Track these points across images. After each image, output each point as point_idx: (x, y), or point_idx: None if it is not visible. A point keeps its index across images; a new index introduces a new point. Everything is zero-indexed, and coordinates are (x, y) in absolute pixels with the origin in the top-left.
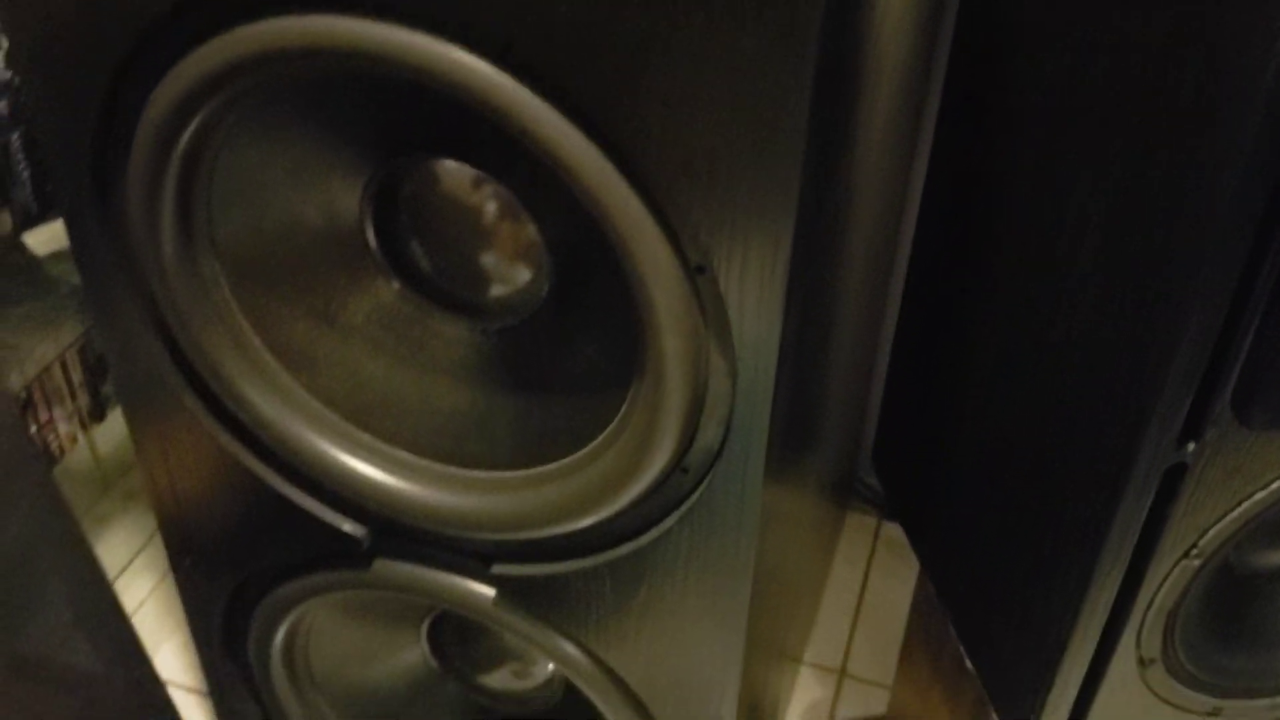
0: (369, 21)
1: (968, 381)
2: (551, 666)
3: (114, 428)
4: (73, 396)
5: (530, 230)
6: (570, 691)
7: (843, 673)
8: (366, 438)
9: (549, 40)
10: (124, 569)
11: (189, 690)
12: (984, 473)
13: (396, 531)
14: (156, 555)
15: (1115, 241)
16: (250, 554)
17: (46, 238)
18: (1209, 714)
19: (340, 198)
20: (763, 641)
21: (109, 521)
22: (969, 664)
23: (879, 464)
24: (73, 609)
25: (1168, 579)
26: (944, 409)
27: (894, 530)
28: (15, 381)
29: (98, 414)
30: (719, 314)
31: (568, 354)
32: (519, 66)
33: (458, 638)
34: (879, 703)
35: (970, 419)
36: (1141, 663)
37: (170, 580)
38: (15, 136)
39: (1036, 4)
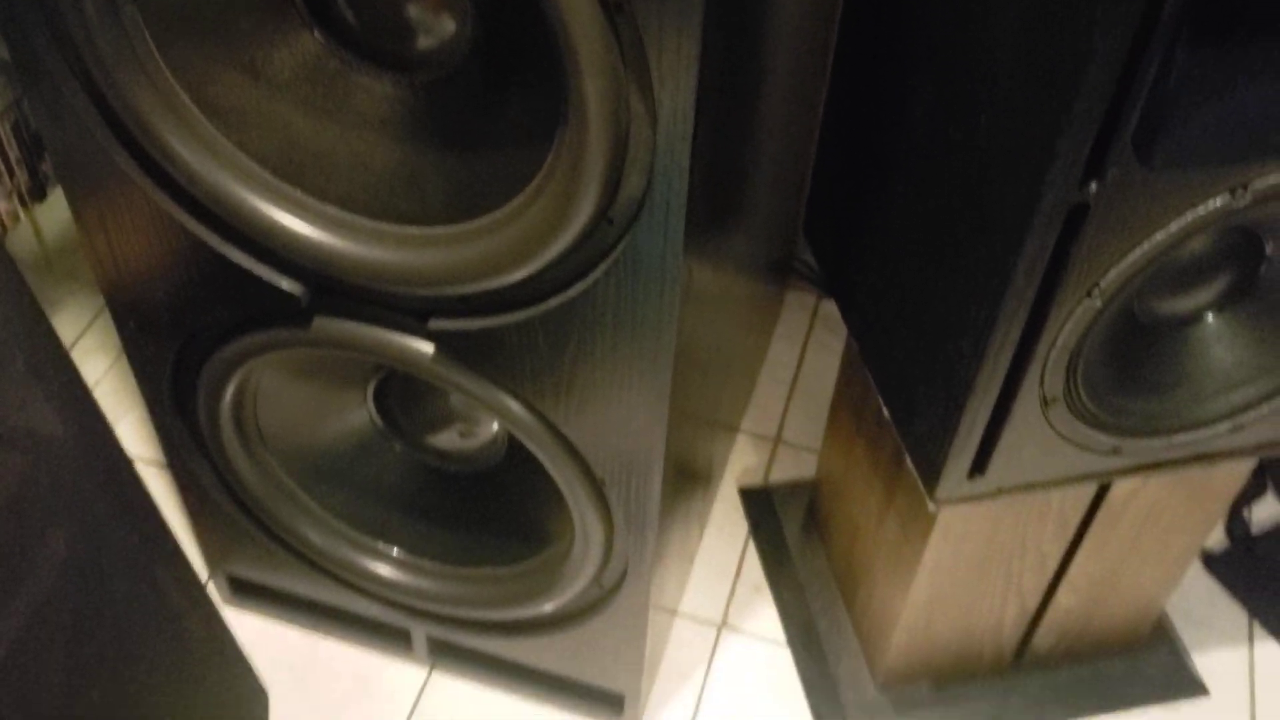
0: None
1: (887, 138)
2: (495, 426)
3: (55, 207)
4: (10, 174)
5: None
6: (513, 447)
7: (777, 440)
8: (299, 194)
9: None
10: (71, 348)
11: (146, 462)
12: (903, 228)
13: (335, 290)
14: (105, 335)
15: None
16: (193, 314)
17: None
18: (1108, 452)
19: None
20: (692, 399)
21: (54, 303)
22: (886, 414)
23: (810, 233)
24: (25, 366)
25: (1070, 319)
26: (865, 171)
27: (831, 308)
28: None
29: (38, 193)
30: (638, 55)
31: (493, 107)
32: None
33: (403, 400)
34: (811, 467)
35: (889, 176)
36: (1044, 402)
37: (123, 362)
38: None
39: None
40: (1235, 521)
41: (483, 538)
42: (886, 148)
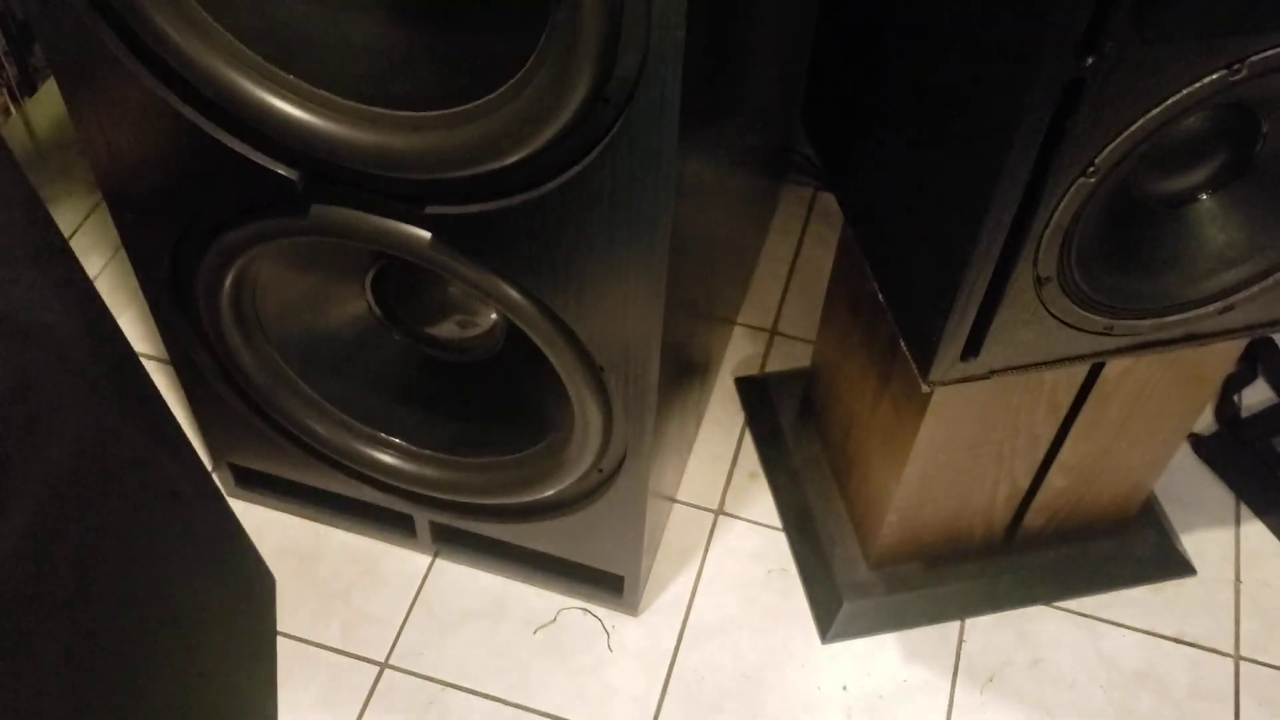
0: None
1: (882, 22)
2: (493, 316)
3: (46, 102)
4: None
5: None
6: (511, 336)
7: (774, 331)
8: (291, 79)
9: None
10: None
11: (147, 357)
12: (899, 111)
13: (331, 177)
14: (100, 231)
15: None
16: (190, 204)
17: None
18: (1100, 332)
19: None
20: (689, 291)
21: (47, 199)
22: (881, 298)
23: (807, 122)
24: (26, 254)
25: (1065, 197)
26: (861, 57)
27: (828, 201)
28: None
29: (27, 87)
30: None
31: None
32: None
33: (401, 290)
34: (806, 357)
35: (885, 60)
36: (1038, 281)
37: (120, 258)
38: None
39: None
40: (1225, 404)
41: (483, 426)
42: (881, 31)
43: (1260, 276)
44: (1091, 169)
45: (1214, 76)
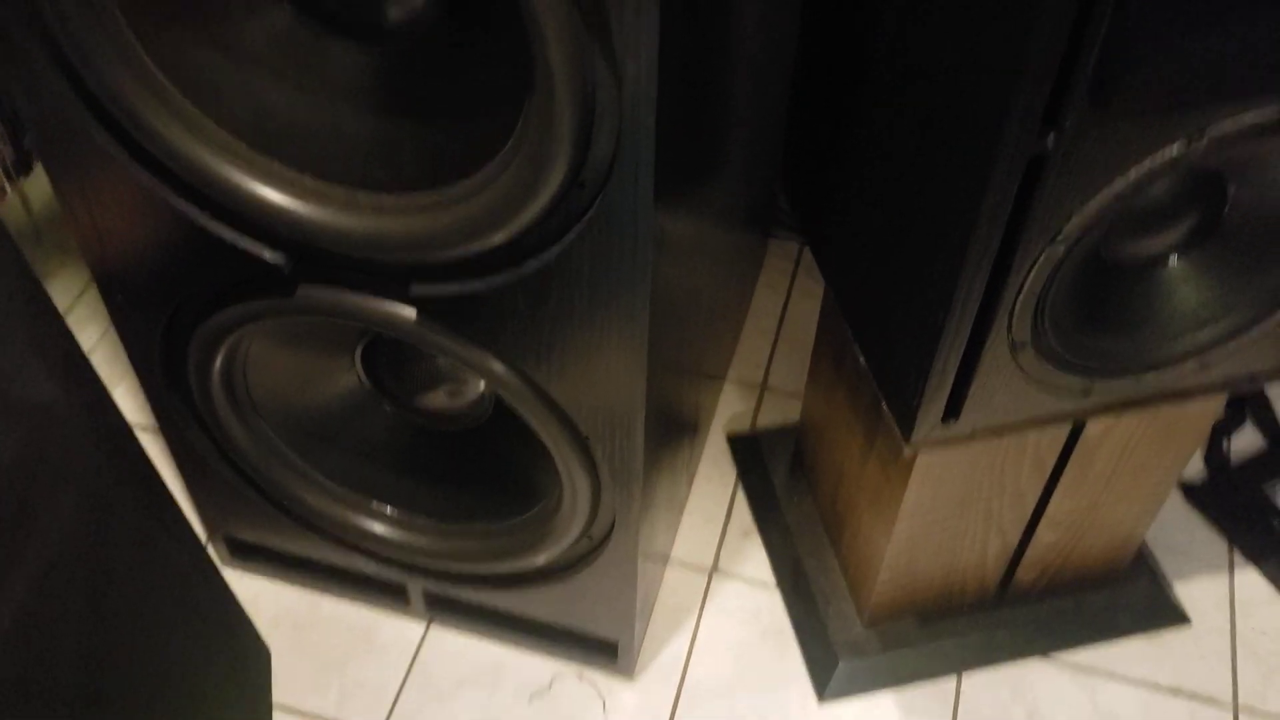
0: None
1: (852, 89)
2: (481, 385)
3: (43, 180)
4: None
5: None
6: (500, 405)
7: (763, 386)
8: (276, 165)
9: None
10: (64, 316)
11: (141, 428)
12: (871, 177)
13: (317, 258)
14: (96, 305)
15: None
16: (178, 286)
17: None
18: (1079, 393)
19: None
20: (673, 353)
21: (44, 274)
22: (863, 360)
23: (785, 183)
24: (26, 337)
25: (1035, 266)
26: (834, 121)
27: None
28: None
29: (24, 167)
30: (600, 21)
31: (463, 74)
32: None
33: (390, 362)
34: (797, 412)
35: (856, 126)
36: (1013, 346)
37: (111, 322)
38: None
39: None
40: (1214, 452)
41: (473, 494)
42: (852, 98)
43: (1235, 334)
44: (1059, 238)
45: (1175, 148)
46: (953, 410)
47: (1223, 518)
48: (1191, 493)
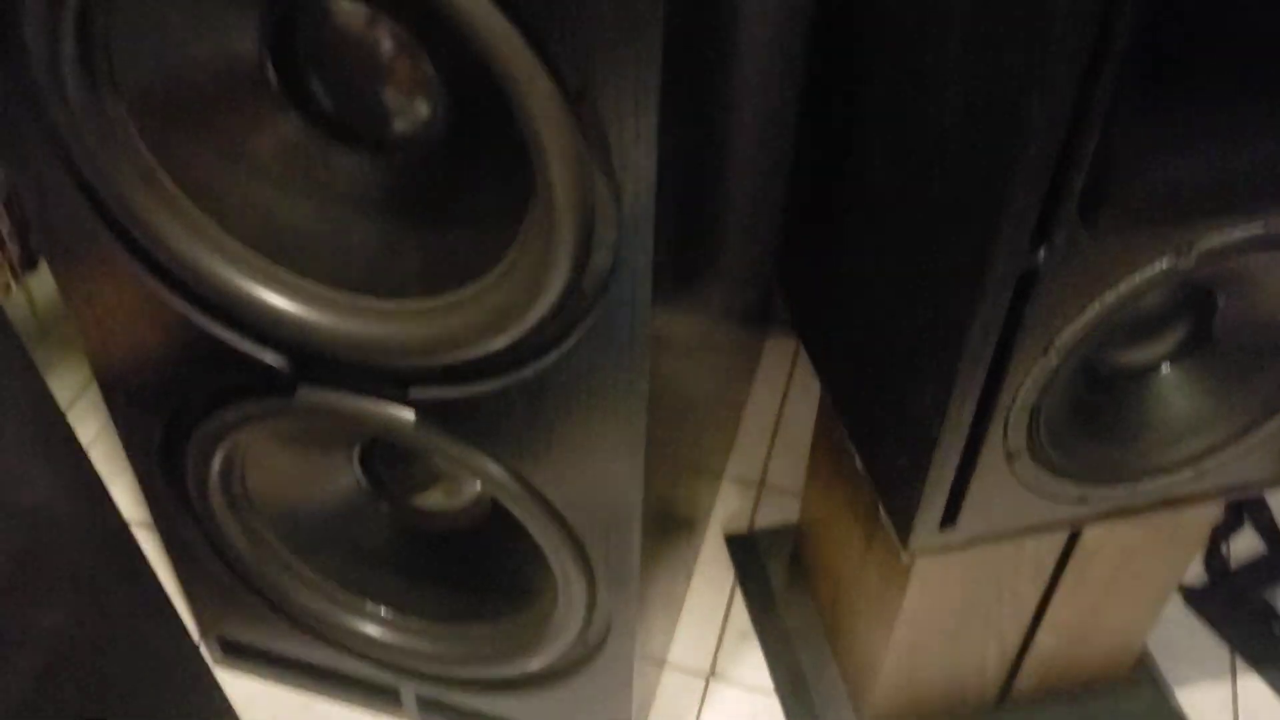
0: None
1: (853, 203)
2: (478, 485)
3: (48, 276)
4: (2, 246)
5: (424, 64)
6: (496, 506)
7: (762, 485)
8: (280, 271)
9: None
10: (67, 410)
11: (137, 525)
12: (866, 288)
13: (317, 361)
14: (97, 399)
15: (970, 53)
16: (179, 387)
17: None
18: (1075, 501)
19: (239, 35)
20: (670, 455)
21: (47, 369)
22: (860, 465)
23: (782, 284)
24: (30, 439)
25: (1028, 377)
26: (830, 226)
27: None
28: None
29: (29, 263)
30: (600, 140)
31: (466, 185)
32: None
33: (388, 462)
34: (795, 511)
35: (851, 232)
36: (1009, 455)
37: (112, 420)
38: None
39: None
40: (1213, 556)
41: (468, 596)
42: (848, 203)
43: (1229, 442)
44: (1052, 349)
45: (1164, 262)
46: (950, 517)
47: (1224, 623)
48: (1192, 596)
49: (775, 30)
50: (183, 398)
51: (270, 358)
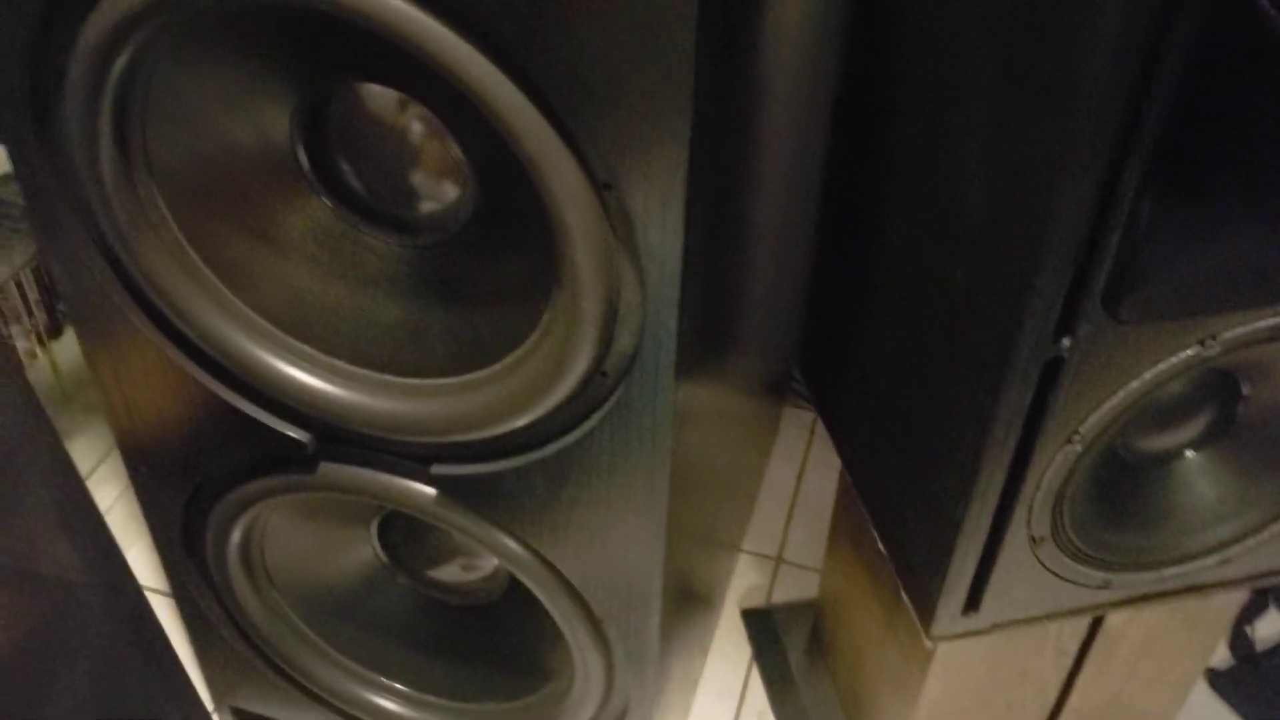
0: None
1: (875, 286)
2: (495, 561)
3: (72, 343)
4: (29, 314)
5: (453, 149)
6: (514, 582)
7: (779, 559)
8: (306, 349)
9: None
10: (86, 478)
11: (154, 591)
12: (888, 370)
13: (340, 436)
14: (118, 465)
15: (995, 143)
16: (203, 460)
17: None
18: (1099, 586)
19: (271, 120)
20: (690, 532)
21: (70, 435)
22: (882, 547)
23: (802, 363)
24: (53, 512)
25: (1052, 464)
26: (855, 310)
27: None
28: None
29: (55, 330)
30: (626, 228)
31: (493, 266)
32: (430, 1)
33: (406, 535)
34: (812, 584)
35: (877, 321)
36: (1033, 541)
37: (133, 489)
38: None
39: None
40: (1239, 638)
41: (485, 672)
42: (869, 287)
43: (1255, 530)
44: (1076, 437)
45: (1189, 352)
46: (973, 602)
47: (1249, 706)
48: (1217, 680)
49: (800, 113)
50: (206, 471)
51: (294, 433)
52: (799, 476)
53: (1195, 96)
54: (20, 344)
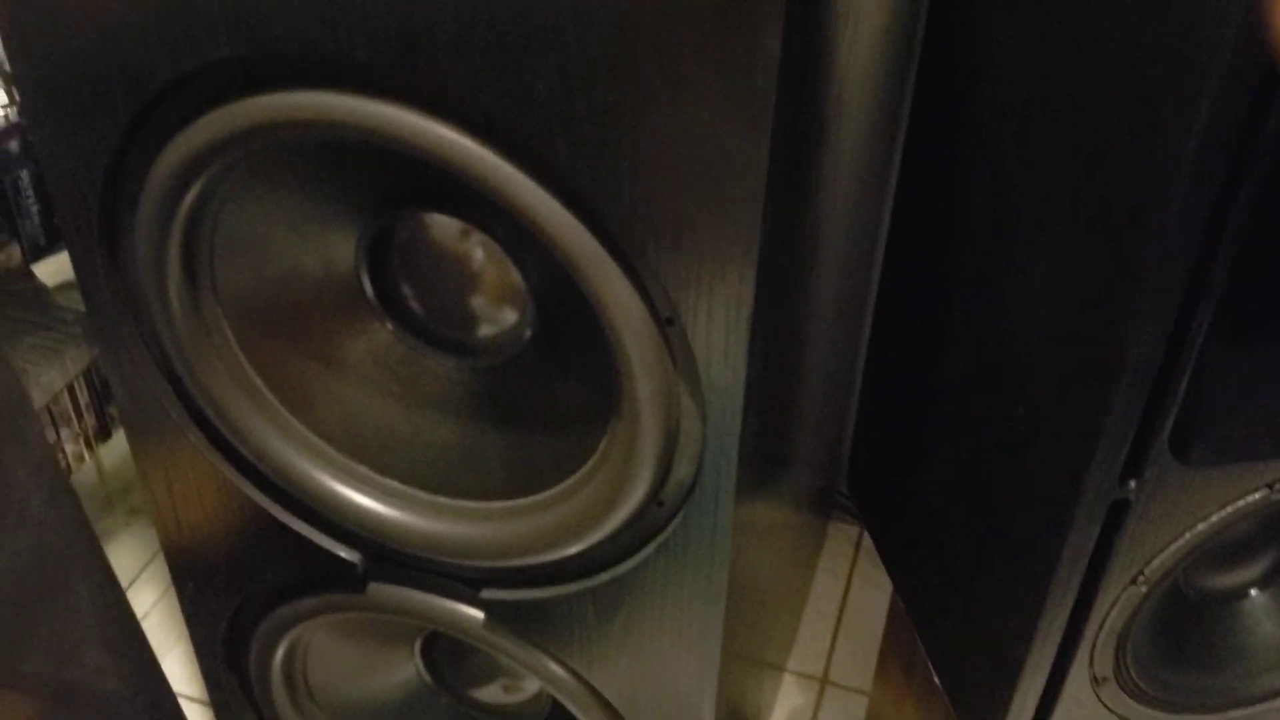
0: (360, 99)
1: (932, 413)
2: (538, 683)
3: (119, 445)
4: (79, 417)
5: (514, 276)
6: (557, 705)
7: (824, 680)
8: (361, 469)
9: (527, 115)
10: (130, 584)
11: (191, 700)
12: (945, 500)
13: (390, 557)
14: (160, 568)
15: (1059, 280)
16: (250, 576)
17: (55, 268)
18: None
19: (337, 248)
20: (740, 655)
21: (114, 537)
22: (937, 680)
23: (853, 483)
24: (95, 623)
25: (1116, 604)
26: (910, 437)
27: None
28: None
29: (103, 433)
30: (688, 361)
31: (550, 392)
32: (499, 139)
33: (449, 654)
34: (859, 708)
35: (934, 449)
36: (1095, 681)
37: (174, 591)
38: (24, 173)
39: (996, 40)
40: None
41: None
42: (927, 413)
43: None
44: (1141, 579)
45: (1256, 495)
46: None
47: None
48: None
49: (857, 239)
50: (253, 587)
51: (345, 553)
52: (844, 594)
53: (1263, 244)
54: (69, 447)
